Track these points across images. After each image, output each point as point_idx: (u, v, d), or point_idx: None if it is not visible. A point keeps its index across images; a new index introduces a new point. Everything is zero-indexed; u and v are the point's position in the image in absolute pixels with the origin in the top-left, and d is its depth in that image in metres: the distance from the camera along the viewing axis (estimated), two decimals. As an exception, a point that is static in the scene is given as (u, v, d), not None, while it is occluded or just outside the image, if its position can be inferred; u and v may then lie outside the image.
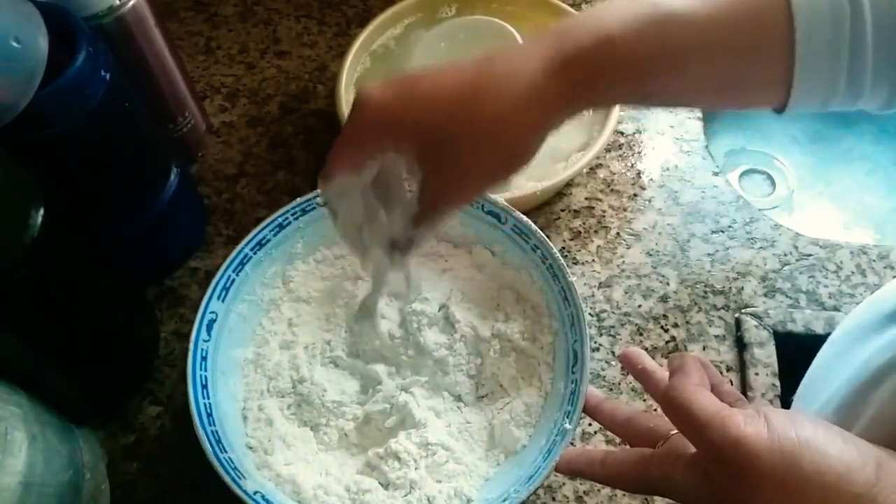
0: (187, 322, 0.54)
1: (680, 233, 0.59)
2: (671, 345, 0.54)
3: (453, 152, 0.33)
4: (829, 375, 0.41)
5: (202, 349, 0.46)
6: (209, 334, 0.46)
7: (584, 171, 0.62)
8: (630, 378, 0.52)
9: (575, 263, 0.58)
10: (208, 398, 0.44)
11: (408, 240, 0.37)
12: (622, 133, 0.65)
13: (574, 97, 0.34)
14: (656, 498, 0.48)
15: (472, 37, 0.61)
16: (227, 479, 0.41)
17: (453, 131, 0.33)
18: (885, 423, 0.34)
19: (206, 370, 0.45)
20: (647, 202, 0.61)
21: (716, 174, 0.63)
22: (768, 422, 0.28)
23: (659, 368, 0.39)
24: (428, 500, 0.43)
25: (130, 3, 0.49)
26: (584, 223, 0.60)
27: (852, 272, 0.57)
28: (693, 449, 0.31)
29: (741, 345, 0.53)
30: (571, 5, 0.64)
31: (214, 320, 0.47)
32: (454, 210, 0.37)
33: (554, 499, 0.48)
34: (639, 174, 0.63)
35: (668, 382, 0.33)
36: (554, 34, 0.34)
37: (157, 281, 0.57)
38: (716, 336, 0.54)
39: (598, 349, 0.54)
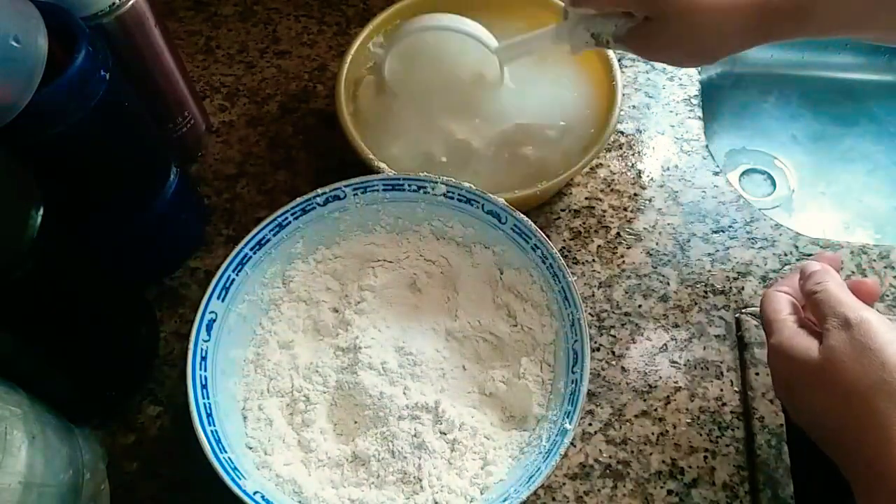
0: (187, 322, 0.54)
1: (680, 232, 0.59)
2: (671, 345, 0.54)
3: (669, 31, 0.47)
4: None
5: (202, 349, 0.46)
6: (209, 334, 0.46)
7: (584, 171, 0.62)
8: (630, 378, 0.53)
9: (575, 263, 0.58)
10: (208, 398, 0.44)
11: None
12: (622, 133, 0.65)
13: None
14: (657, 499, 0.48)
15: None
16: (226, 479, 0.41)
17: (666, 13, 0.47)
18: None
19: (205, 370, 0.45)
20: (647, 202, 0.61)
21: (716, 174, 0.63)
22: None
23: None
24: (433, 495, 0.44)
25: (130, 3, 0.49)
26: (584, 223, 0.60)
27: (852, 272, 0.57)
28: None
29: (741, 345, 0.54)
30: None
31: (214, 320, 0.47)
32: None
33: (554, 499, 0.48)
34: (639, 174, 0.63)
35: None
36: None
37: (157, 281, 0.57)
38: (716, 336, 0.54)
39: (598, 349, 0.54)
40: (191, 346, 0.45)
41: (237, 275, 0.49)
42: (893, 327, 0.38)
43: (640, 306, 0.56)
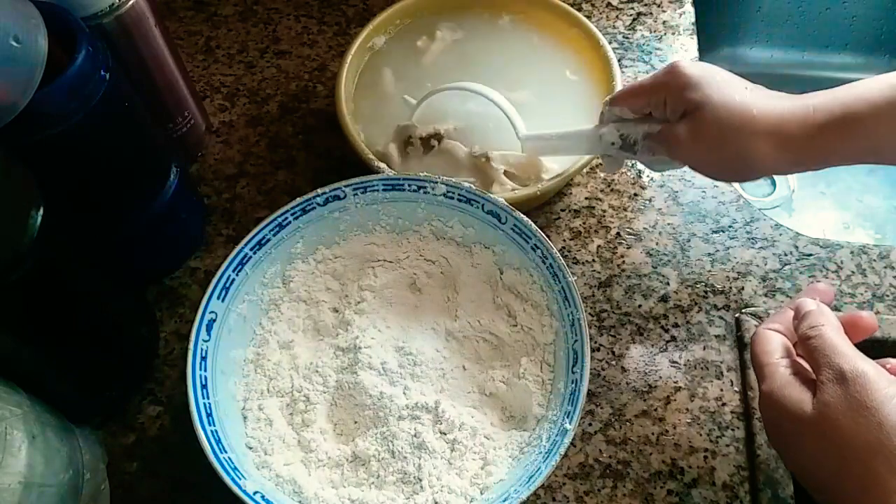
0: (187, 322, 0.54)
1: (680, 232, 0.59)
2: (671, 345, 0.54)
3: (697, 126, 0.45)
4: None
5: (202, 349, 0.46)
6: (209, 334, 0.46)
7: (584, 171, 0.62)
8: (630, 378, 0.52)
9: (575, 263, 0.58)
10: (208, 398, 0.44)
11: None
12: (622, 133, 0.65)
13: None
14: (657, 499, 0.48)
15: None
16: (226, 479, 0.41)
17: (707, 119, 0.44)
18: None
19: (205, 370, 0.45)
20: (647, 202, 0.61)
21: (716, 174, 0.63)
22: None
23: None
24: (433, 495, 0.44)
25: (130, 3, 0.49)
26: (584, 223, 0.60)
27: (852, 272, 0.57)
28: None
29: (741, 345, 0.53)
30: (572, 5, 0.64)
31: (214, 320, 0.47)
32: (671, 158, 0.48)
33: (554, 499, 0.48)
34: (639, 174, 0.63)
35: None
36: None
37: (157, 281, 0.57)
38: (716, 336, 0.54)
39: (598, 349, 0.54)
40: (191, 346, 0.45)
41: (237, 275, 0.49)
42: (892, 381, 0.36)
43: (640, 306, 0.56)
